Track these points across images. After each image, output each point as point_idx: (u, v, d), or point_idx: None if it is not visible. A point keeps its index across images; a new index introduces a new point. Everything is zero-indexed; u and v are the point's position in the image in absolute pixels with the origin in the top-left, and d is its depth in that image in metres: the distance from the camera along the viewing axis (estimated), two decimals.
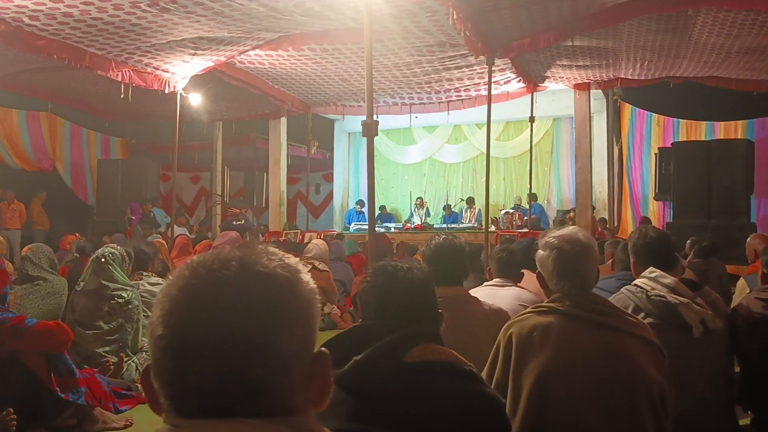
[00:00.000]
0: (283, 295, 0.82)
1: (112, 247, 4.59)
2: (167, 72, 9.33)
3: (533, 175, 12.66)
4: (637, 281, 3.00)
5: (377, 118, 11.98)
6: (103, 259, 4.23)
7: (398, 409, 1.69)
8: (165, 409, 0.81)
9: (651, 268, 2.99)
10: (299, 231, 13.71)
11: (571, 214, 12.44)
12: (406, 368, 1.72)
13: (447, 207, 14.94)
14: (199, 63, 9.11)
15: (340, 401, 1.76)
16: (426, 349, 1.78)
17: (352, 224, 14.31)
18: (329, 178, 17.35)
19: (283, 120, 13.83)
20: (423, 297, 1.96)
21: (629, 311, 2.71)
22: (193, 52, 8.50)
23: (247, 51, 8.98)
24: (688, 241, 7.22)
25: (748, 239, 5.89)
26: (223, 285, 0.80)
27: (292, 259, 0.88)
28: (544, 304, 2.41)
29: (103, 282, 4.37)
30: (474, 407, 1.74)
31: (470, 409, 1.73)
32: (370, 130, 4.84)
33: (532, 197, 13.55)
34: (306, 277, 0.88)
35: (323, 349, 0.88)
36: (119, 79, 8.80)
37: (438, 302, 2.95)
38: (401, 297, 1.91)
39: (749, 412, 3.22)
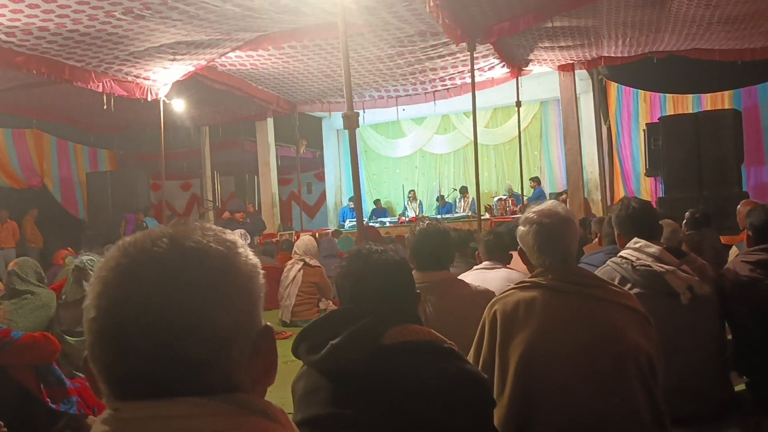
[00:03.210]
0: (218, 270, 0.80)
1: (88, 255, 4.57)
2: (148, 80, 9.29)
3: (524, 160, 12.66)
4: (622, 252, 2.98)
5: (364, 112, 12.01)
6: (83, 267, 4.21)
7: (378, 391, 1.67)
8: (105, 393, 0.79)
9: (635, 239, 2.98)
10: (294, 231, 13.68)
11: (564, 195, 12.43)
12: (383, 350, 1.70)
13: (440, 198, 14.94)
14: (180, 68, 9.07)
15: (319, 387, 1.74)
16: (403, 330, 1.76)
17: (347, 221, 14.29)
18: (321, 177, 17.33)
19: (270, 121, 13.80)
20: (398, 278, 1.93)
21: (615, 283, 2.69)
22: (172, 57, 8.46)
23: (227, 53, 8.94)
24: (687, 213, 7.15)
25: (738, 207, 5.88)
26: (154, 263, 0.77)
27: (229, 235, 0.85)
28: (526, 279, 2.39)
29: (87, 290, 4.32)
30: (456, 385, 1.72)
31: (452, 387, 1.71)
32: (350, 122, 4.82)
33: (535, 181, 13.59)
34: (245, 251, 0.84)
35: (268, 324, 0.85)
36: (100, 89, 8.76)
37: (417, 284, 2.94)
38: (376, 279, 1.89)
39: (744, 377, 3.20)
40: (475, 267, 4.07)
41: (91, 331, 0.77)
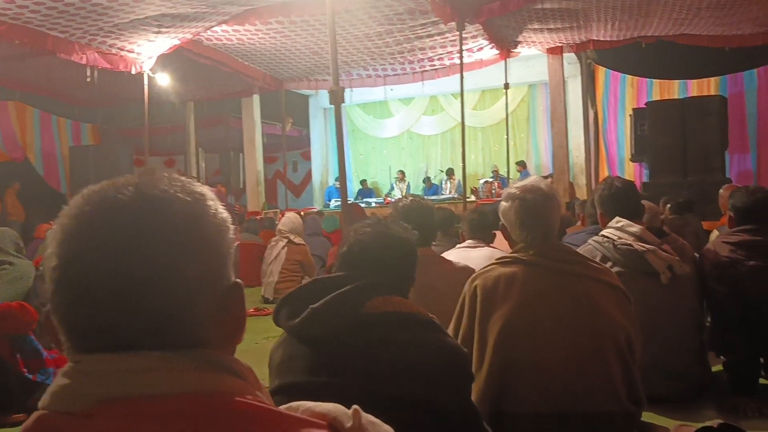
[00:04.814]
0: (184, 221, 0.77)
1: None
2: (132, 52, 9.15)
3: (511, 143, 12.65)
4: (604, 231, 2.99)
5: (351, 91, 11.90)
6: None
7: (357, 360, 1.65)
8: (66, 345, 0.76)
9: (617, 218, 2.98)
10: (279, 210, 13.61)
11: (549, 179, 12.45)
12: (365, 319, 1.68)
13: (427, 179, 14.92)
14: (165, 41, 8.94)
15: (297, 355, 1.72)
16: (386, 301, 1.74)
17: (332, 200, 14.25)
18: (307, 156, 17.22)
19: (256, 98, 13.65)
20: (394, 251, 1.89)
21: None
22: (157, 30, 8.33)
23: (212, 27, 8.82)
24: (662, 200, 7.22)
25: (720, 191, 5.93)
26: (117, 211, 0.75)
27: (198, 186, 0.82)
28: (508, 254, 2.39)
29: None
30: (435, 357, 1.70)
31: (431, 360, 1.69)
32: (336, 97, 4.78)
33: (521, 165, 13.63)
34: (214, 204, 0.82)
35: (238, 280, 0.83)
36: (84, 62, 8.62)
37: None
38: (370, 248, 1.85)
39: (721, 357, 3.24)
40: (458, 245, 4.06)
41: (53, 280, 0.75)
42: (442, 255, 3.47)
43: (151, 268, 0.73)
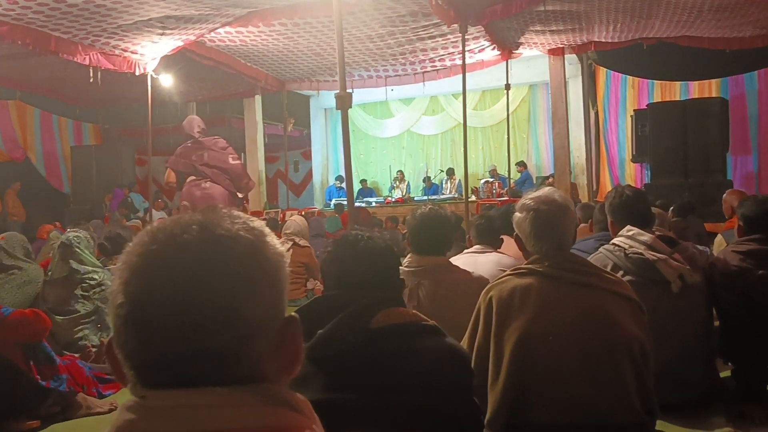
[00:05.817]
0: (247, 259, 0.79)
1: (75, 231, 4.56)
2: (136, 53, 9.15)
3: (511, 143, 12.68)
4: (615, 240, 3.01)
5: (353, 92, 11.90)
6: (68, 244, 4.20)
7: (370, 375, 1.70)
8: (130, 380, 0.78)
9: (628, 227, 3.01)
10: (280, 210, 13.64)
11: (550, 179, 12.49)
12: (374, 334, 1.73)
13: (427, 179, 14.95)
14: (169, 43, 8.95)
15: (310, 374, 1.75)
16: (390, 314, 1.79)
17: (333, 200, 14.28)
18: (308, 156, 17.23)
19: (258, 98, 13.67)
20: (385, 264, 1.94)
21: (608, 270, 2.72)
22: (161, 31, 8.34)
23: (216, 29, 8.83)
24: (656, 203, 7.22)
25: (724, 195, 5.95)
26: (184, 250, 0.77)
27: (257, 222, 0.84)
28: (522, 266, 2.41)
29: (73, 267, 4.34)
30: (439, 360, 1.76)
31: (436, 363, 1.76)
32: (343, 102, 4.79)
33: (522, 165, 13.66)
34: (272, 240, 0.84)
35: (293, 314, 0.85)
36: (87, 63, 8.62)
37: (414, 268, 2.95)
38: (363, 265, 1.89)
39: (730, 364, 3.26)
40: (466, 251, 4.07)
41: (118, 316, 0.77)
42: (452, 260, 3.48)
43: (217, 304, 0.76)
